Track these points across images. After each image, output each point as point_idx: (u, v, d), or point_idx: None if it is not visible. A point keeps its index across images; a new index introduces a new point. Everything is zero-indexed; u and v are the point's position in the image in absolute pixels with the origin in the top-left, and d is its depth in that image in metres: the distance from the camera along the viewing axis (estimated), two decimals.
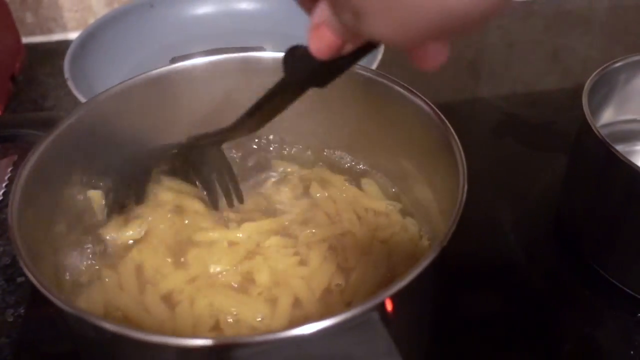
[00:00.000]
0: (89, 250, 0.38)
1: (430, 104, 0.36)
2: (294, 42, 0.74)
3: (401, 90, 0.37)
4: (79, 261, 0.37)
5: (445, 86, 0.66)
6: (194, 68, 0.41)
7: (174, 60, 0.41)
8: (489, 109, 0.63)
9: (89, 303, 0.35)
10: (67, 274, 0.36)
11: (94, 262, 0.37)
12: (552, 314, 0.42)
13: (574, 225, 0.45)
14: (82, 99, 0.53)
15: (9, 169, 0.54)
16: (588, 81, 0.42)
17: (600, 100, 0.44)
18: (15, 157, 0.55)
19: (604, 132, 0.38)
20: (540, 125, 0.59)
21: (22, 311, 0.43)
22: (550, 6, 0.78)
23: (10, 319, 0.42)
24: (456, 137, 0.33)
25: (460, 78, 0.68)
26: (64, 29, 0.73)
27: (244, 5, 0.70)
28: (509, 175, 0.52)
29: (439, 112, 0.35)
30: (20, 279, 0.45)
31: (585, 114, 0.39)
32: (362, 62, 0.31)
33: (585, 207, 0.43)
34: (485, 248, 0.45)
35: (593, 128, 0.39)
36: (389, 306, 0.26)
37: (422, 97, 0.36)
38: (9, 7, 0.68)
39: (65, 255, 0.37)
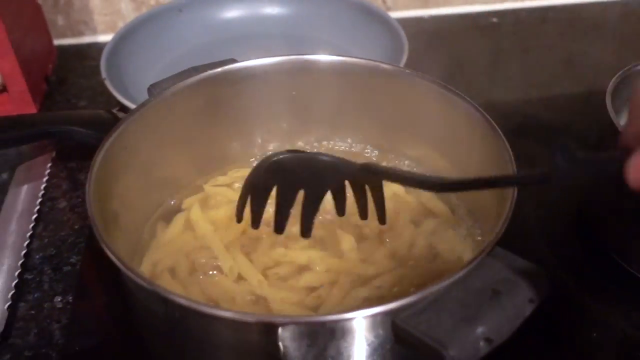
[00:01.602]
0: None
1: (480, 109, 0.38)
2: (317, 46, 0.76)
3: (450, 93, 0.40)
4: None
5: (461, 90, 0.68)
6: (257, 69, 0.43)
7: (150, 87, 0.42)
8: (507, 110, 0.66)
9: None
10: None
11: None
12: (576, 307, 0.44)
13: (596, 219, 0.47)
14: (120, 98, 0.56)
15: (48, 165, 0.56)
16: (610, 83, 0.44)
17: (620, 102, 0.46)
18: (54, 154, 0.57)
19: None
20: (558, 127, 0.61)
21: (70, 298, 0.45)
22: (565, 13, 0.81)
23: (59, 306, 0.44)
24: (505, 140, 0.35)
25: (476, 82, 0.70)
26: (94, 31, 0.75)
27: (269, 10, 0.72)
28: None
29: (488, 117, 0.37)
30: (66, 268, 0.47)
31: (610, 114, 0.41)
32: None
33: (608, 202, 0.45)
34: (509, 242, 0.47)
35: (617, 126, 0.41)
36: None
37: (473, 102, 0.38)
38: (42, 10, 0.70)
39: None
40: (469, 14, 0.80)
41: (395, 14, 0.75)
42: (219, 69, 0.41)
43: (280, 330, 0.27)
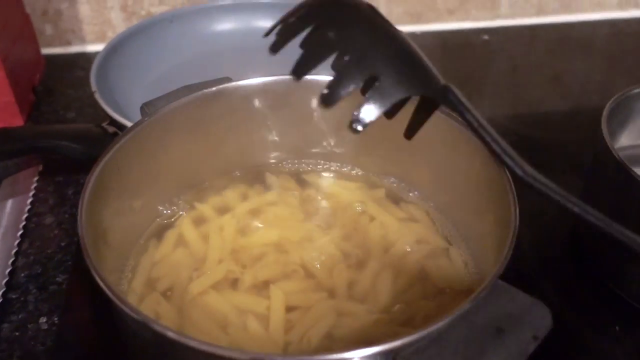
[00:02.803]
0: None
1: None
2: None
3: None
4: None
5: None
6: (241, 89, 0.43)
7: (144, 106, 0.41)
8: (498, 128, 0.65)
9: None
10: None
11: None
12: (567, 332, 0.44)
13: (590, 244, 0.47)
14: (110, 112, 0.55)
15: (35, 178, 0.55)
16: (606, 107, 0.44)
17: (616, 125, 0.47)
18: (41, 167, 0.56)
19: (621, 155, 0.41)
20: (551, 146, 0.62)
21: (56, 319, 0.43)
22: (554, 31, 0.81)
23: (45, 327, 0.43)
24: (508, 174, 0.34)
25: (466, 98, 0.70)
26: (83, 41, 0.74)
27: (262, 23, 0.71)
28: (524, 195, 0.54)
29: (492, 146, 0.36)
30: (52, 287, 0.46)
31: (605, 137, 0.42)
32: None
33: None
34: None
35: (612, 151, 0.41)
36: None
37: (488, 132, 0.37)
38: (30, 19, 0.69)
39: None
40: (461, 31, 0.80)
41: None
42: (214, 88, 0.41)
43: None
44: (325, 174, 0.47)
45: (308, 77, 0.42)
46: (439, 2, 0.78)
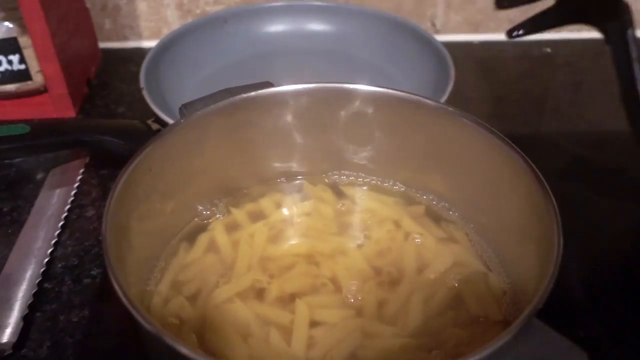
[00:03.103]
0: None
1: (528, 160, 0.35)
2: (358, 65, 0.76)
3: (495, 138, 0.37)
4: None
5: (508, 121, 0.65)
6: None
7: (182, 107, 0.40)
8: (555, 149, 0.62)
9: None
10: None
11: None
12: None
13: None
14: (156, 110, 0.55)
15: (81, 170, 0.56)
16: None
17: None
18: (87, 159, 0.57)
19: None
20: (611, 170, 0.58)
21: (87, 312, 0.44)
22: None
23: (75, 319, 0.43)
24: (551, 195, 0.33)
25: (523, 115, 0.67)
26: (139, 37, 0.76)
27: (314, 26, 0.71)
28: (576, 220, 0.51)
29: (537, 172, 0.34)
30: (86, 281, 0.46)
31: None
32: None
33: None
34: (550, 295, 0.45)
35: None
36: None
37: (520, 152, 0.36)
38: (90, 14, 0.71)
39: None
40: (521, 42, 0.76)
41: (443, 37, 0.73)
42: (253, 93, 0.40)
43: None
44: (363, 188, 0.46)
45: (350, 86, 0.41)
46: (501, 11, 0.75)
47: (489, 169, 0.38)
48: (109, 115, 0.64)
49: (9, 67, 0.60)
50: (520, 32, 0.32)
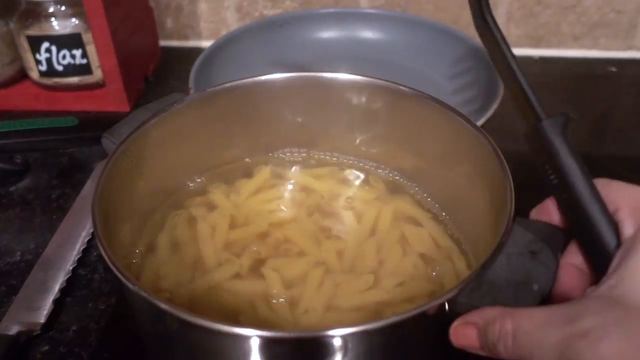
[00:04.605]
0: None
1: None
2: (408, 74, 0.75)
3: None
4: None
5: None
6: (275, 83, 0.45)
7: (105, 135, 0.42)
8: (619, 173, 0.59)
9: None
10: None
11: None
12: None
13: None
14: None
15: None
16: None
17: None
18: None
19: None
20: None
21: (113, 301, 0.46)
22: None
23: (102, 307, 0.45)
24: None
25: (583, 136, 0.64)
26: (199, 37, 0.78)
27: (368, 34, 0.70)
28: None
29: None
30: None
31: None
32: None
33: None
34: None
35: None
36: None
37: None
38: (153, 13, 0.74)
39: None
40: (585, 60, 0.73)
41: None
42: (228, 85, 0.43)
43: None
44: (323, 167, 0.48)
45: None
46: (565, 26, 0.72)
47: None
48: None
49: (72, 61, 0.64)
50: None
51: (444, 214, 0.43)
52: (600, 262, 0.30)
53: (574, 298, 0.30)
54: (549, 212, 0.33)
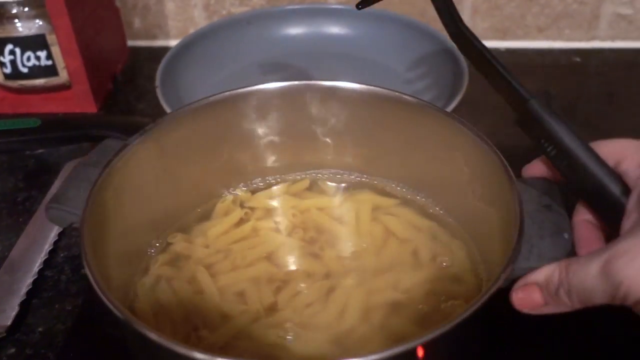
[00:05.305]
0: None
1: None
2: (377, 68, 0.75)
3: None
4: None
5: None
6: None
7: (49, 204, 0.38)
8: None
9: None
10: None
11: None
12: None
13: None
14: (167, 108, 0.56)
15: None
16: None
17: None
18: None
19: None
20: None
21: (80, 301, 0.45)
22: None
23: (69, 307, 0.45)
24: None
25: None
26: (167, 36, 0.78)
27: (335, 30, 0.71)
28: None
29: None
30: (84, 271, 0.48)
31: None
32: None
33: None
34: None
35: None
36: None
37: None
38: (120, 13, 0.73)
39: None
40: (550, 50, 0.74)
41: None
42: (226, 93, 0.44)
43: None
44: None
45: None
46: (529, 18, 0.73)
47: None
48: (129, 112, 0.67)
49: (37, 63, 0.63)
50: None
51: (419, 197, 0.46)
52: (610, 212, 0.32)
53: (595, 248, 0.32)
54: (540, 168, 0.37)
